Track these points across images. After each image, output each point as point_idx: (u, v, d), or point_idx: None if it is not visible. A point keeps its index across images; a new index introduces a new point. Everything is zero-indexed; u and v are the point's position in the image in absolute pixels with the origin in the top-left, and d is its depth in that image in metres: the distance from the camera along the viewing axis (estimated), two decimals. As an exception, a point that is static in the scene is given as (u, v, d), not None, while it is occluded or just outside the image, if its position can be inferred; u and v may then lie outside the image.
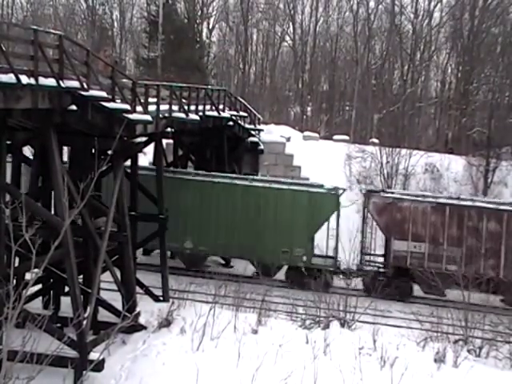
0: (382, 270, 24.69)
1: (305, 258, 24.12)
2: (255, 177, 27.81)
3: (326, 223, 24.52)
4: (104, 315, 16.71)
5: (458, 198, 25.06)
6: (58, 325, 15.43)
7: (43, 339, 8.93)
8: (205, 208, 24.61)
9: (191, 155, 29.24)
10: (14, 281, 11.11)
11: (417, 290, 24.17)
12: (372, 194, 25.06)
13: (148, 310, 17.41)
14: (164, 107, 19.75)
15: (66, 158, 18.09)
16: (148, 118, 17.24)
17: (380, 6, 55.84)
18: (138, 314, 16.64)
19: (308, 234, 24.30)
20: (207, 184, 24.83)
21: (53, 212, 15.67)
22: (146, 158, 29.46)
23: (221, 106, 26.55)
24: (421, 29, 53.43)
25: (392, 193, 25.68)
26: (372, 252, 25.47)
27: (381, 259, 25.73)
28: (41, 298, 17.60)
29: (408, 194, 25.74)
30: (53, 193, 15.71)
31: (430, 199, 24.64)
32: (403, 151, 35.20)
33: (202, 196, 24.65)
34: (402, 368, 13.81)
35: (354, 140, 43.29)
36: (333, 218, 24.32)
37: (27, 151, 18.57)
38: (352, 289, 19.81)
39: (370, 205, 24.67)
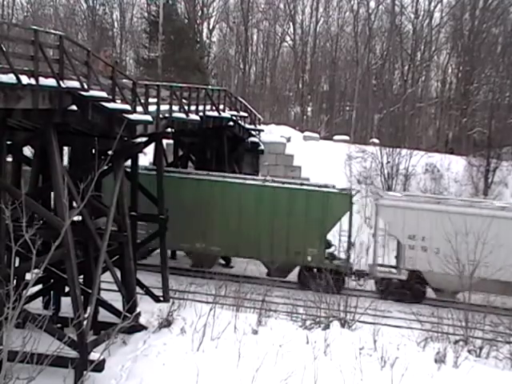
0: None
1: (317, 259, 23.88)
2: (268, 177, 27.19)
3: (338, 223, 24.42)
4: (104, 315, 16.70)
5: None
6: (59, 325, 15.42)
7: (43, 339, 8.93)
8: (215, 208, 24.40)
9: (191, 155, 29.25)
10: (15, 281, 11.10)
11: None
12: None
13: (148, 310, 17.39)
14: (164, 107, 19.74)
15: (66, 158, 18.10)
16: (148, 118, 17.23)
17: (380, 6, 55.92)
18: (139, 314, 16.63)
19: (320, 235, 24.13)
20: (207, 183, 24.67)
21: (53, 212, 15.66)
22: (146, 158, 29.46)
23: (221, 107, 26.53)
24: (421, 29, 53.47)
25: None
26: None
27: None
28: (41, 298, 17.61)
29: None
30: (53, 193, 15.70)
31: None
32: (403, 151, 35.17)
33: (202, 195, 24.48)
34: (402, 368, 13.81)
35: (355, 140, 43.22)
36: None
37: (27, 151, 18.57)
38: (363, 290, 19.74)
39: None
